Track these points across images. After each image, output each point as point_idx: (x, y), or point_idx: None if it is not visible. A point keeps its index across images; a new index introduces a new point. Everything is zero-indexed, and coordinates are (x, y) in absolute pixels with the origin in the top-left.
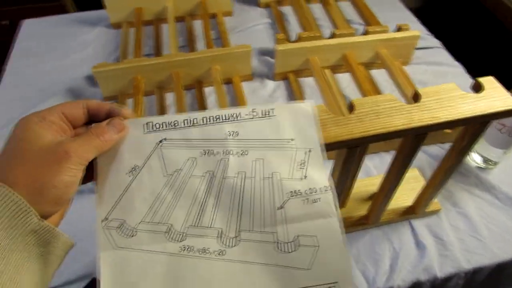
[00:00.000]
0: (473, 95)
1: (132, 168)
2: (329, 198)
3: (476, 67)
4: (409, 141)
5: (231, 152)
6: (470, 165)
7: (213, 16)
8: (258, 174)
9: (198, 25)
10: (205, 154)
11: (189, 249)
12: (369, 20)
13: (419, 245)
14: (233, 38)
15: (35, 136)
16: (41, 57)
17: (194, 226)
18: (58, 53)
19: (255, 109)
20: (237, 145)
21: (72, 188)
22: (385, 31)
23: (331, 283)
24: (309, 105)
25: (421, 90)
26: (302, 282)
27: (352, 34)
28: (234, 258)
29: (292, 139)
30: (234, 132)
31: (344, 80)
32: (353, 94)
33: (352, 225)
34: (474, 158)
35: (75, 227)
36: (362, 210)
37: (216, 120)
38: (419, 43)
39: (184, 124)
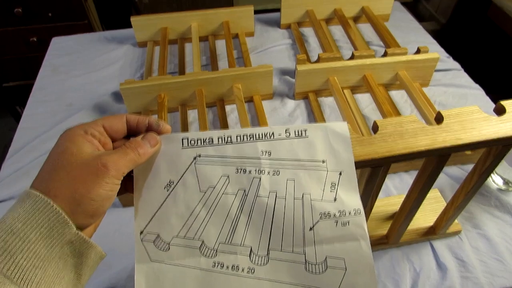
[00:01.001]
0: (496, 117)
1: (168, 183)
2: (361, 221)
3: (495, 89)
4: (432, 162)
5: (263, 171)
6: (491, 187)
7: (236, 36)
8: (290, 194)
9: (220, 45)
10: (238, 171)
11: (220, 266)
12: (388, 42)
13: (440, 266)
14: (255, 57)
15: (77, 149)
16: (69, 74)
17: (226, 243)
18: (85, 70)
19: (288, 129)
20: (270, 164)
21: (108, 201)
22: (404, 53)
23: None
24: (344, 126)
25: (443, 112)
26: None
27: (372, 56)
28: (263, 276)
29: (324, 161)
30: (267, 151)
31: (364, 100)
32: (373, 114)
33: (372, 245)
34: (495, 180)
35: (98, 241)
36: (382, 230)
37: (250, 138)
38: (438, 65)
39: (218, 142)
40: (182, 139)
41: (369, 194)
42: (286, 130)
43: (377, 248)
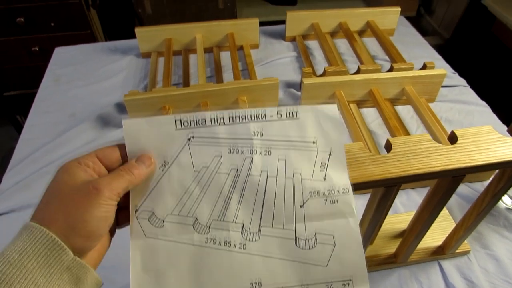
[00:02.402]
0: (510, 138)
1: (163, 164)
2: (349, 199)
3: (499, 105)
4: (446, 183)
5: (255, 151)
6: (499, 206)
7: (240, 48)
8: (281, 173)
9: (225, 56)
10: (231, 151)
11: (213, 241)
12: (394, 56)
13: (449, 286)
14: (259, 70)
15: (70, 178)
16: (72, 84)
17: (219, 220)
18: (88, 80)
19: (280, 110)
20: (262, 145)
21: (104, 223)
22: (410, 68)
23: (346, 280)
24: (334, 108)
25: (457, 132)
26: (318, 277)
27: (378, 70)
28: (255, 251)
29: (314, 141)
30: (259, 132)
31: (370, 115)
32: (379, 129)
33: (380, 264)
34: (504, 199)
35: None
36: (390, 248)
37: (242, 119)
38: (444, 81)
39: (211, 122)
40: (175, 121)
41: (381, 213)
42: (278, 112)
43: (385, 267)
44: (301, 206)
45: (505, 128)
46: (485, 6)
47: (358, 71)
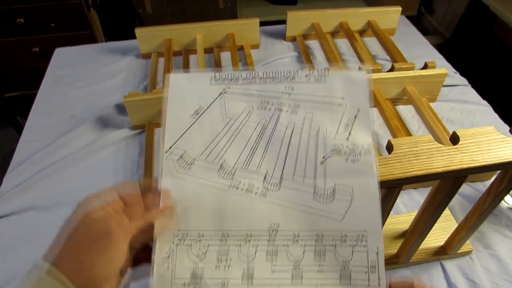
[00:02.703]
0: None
1: (196, 111)
2: (370, 159)
3: (500, 104)
4: (447, 184)
5: (283, 108)
6: (501, 206)
7: (241, 48)
8: (306, 129)
9: (225, 57)
10: (260, 107)
11: (236, 187)
12: (395, 56)
13: (451, 287)
14: (260, 70)
15: (86, 217)
16: (72, 85)
17: (243, 168)
18: (88, 81)
19: (309, 73)
20: (289, 103)
21: (117, 263)
22: (412, 68)
23: (360, 234)
24: (362, 74)
25: (459, 132)
26: (334, 229)
27: (379, 70)
28: (274, 200)
29: (341, 103)
30: (288, 92)
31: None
32: (381, 129)
33: None
34: (506, 199)
35: None
36: (391, 249)
37: (273, 80)
38: (445, 80)
39: (244, 81)
40: (211, 77)
41: (383, 215)
42: (307, 75)
43: (387, 268)
44: (322, 162)
45: (506, 127)
46: (487, 5)
47: None
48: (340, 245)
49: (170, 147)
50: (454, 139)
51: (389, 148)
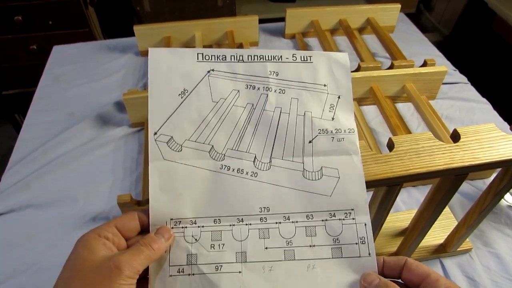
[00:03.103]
0: None
1: (183, 91)
2: (354, 138)
3: (499, 102)
4: (448, 181)
5: (270, 89)
6: (501, 204)
7: (240, 45)
8: (293, 111)
9: None
10: (248, 87)
11: (227, 168)
12: (394, 53)
13: None
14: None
15: (89, 253)
16: (71, 83)
17: (233, 149)
18: (87, 79)
19: (295, 53)
20: (277, 83)
21: None
22: (411, 66)
23: (348, 209)
24: (345, 56)
25: (460, 130)
26: (323, 206)
27: (378, 68)
28: (265, 180)
29: (325, 85)
30: (275, 71)
31: (371, 112)
32: (380, 127)
33: None
34: (506, 197)
35: None
36: (391, 247)
37: (260, 59)
38: (445, 78)
39: (231, 59)
40: (198, 54)
41: (383, 212)
42: (293, 55)
43: None
44: (310, 142)
45: (506, 125)
46: (485, 2)
47: (358, 69)
48: (330, 220)
49: (157, 131)
50: (455, 136)
51: (390, 145)
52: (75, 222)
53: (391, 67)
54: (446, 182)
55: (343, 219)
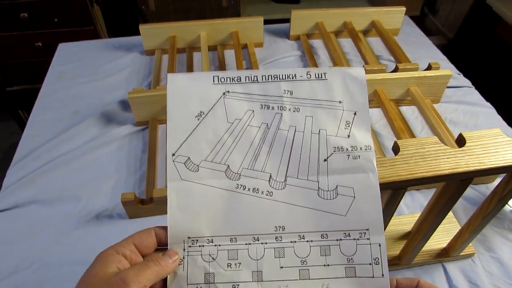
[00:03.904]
0: None
1: (199, 113)
2: (370, 155)
3: (503, 106)
4: (453, 186)
5: (285, 108)
6: (505, 209)
7: (245, 46)
8: (308, 129)
9: (229, 55)
10: (262, 107)
11: (243, 187)
12: (399, 56)
13: None
14: (263, 68)
15: (103, 269)
16: (75, 80)
17: (249, 168)
18: (92, 77)
19: (309, 71)
20: (291, 102)
21: None
22: (416, 69)
23: (363, 230)
24: (361, 71)
25: (465, 134)
26: (337, 226)
27: (383, 71)
28: (280, 199)
29: (341, 101)
30: (289, 90)
31: (374, 115)
32: (384, 130)
33: None
34: (509, 203)
35: None
36: (394, 250)
37: (274, 78)
38: (449, 82)
39: (246, 80)
40: (213, 76)
41: (387, 216)
42: (307, 73)
43: (389, 269)
44: (325, 160)
45: (510, 129)
46: (490, 6)
47: None
48: (345, 240)
49: (174, 153)
50: (460, 141)
51: (396, 149)
52: (78, 219)
53: (396, 70)
54: (451, 186)
55: (358, 239)
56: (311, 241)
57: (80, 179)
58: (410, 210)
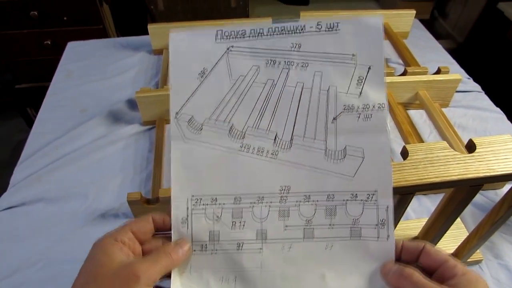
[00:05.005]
0: None
1: (201, 72)
2: (383, 115)
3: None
4: (462, 192)
5: (292, 64)
6: None
7: None
8: (316, 86)
9: None
10: (268, 63)
11: (247, 148)
12: (408, 60)
13: None
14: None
15: (107, 259)
16: (83, 79)
17: (254, 128)
18: (100, 76)
19: (320, 22)
20: (299, 58)
21: None
22: (425, 73)
23: (371, 191)
24: (378, 20)
25: (475, 140)
26: (344, 187)
27: (391, 74)
28: (285, 159)
29: (354, 55)
30: (297, 44)
31: None
32: (391, 134)
33: None
34: None
35: None
36: None
37: (281, 31)
38: (458, 86)
39: (251, 34)
40: (217, 31)
41: (394, 220)
42: (318, 23)
43: None
44: (334, 119)
45: None
46: (501, 11)
47: None
48: (351, 202)
49: (177, 112)
50: (470, 147)
51: (404, 154)
52: (85, 217)
53: (404, 73)
54: (460, 192)
55: (365, 201)
56: (317, 201)
57: (87, 177)
58: (417, 215)
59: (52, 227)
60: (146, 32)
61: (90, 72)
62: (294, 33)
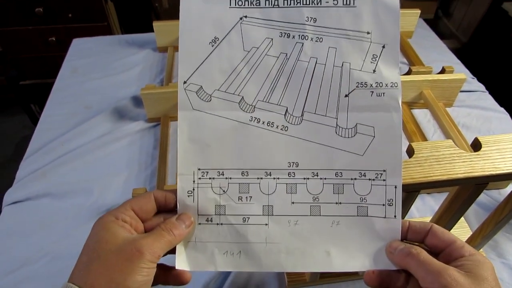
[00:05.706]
0: None
1: (213, 39)
2: (396, 93)
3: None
4: (467, 190)
5: (306, 37)
6: None
7: None
8: (330, 61)
9: None
10: (282, 36)
11: (257, 121)
12: (412, 59)
13: None
14: None
15: (110, 236)
16: (88, 76)
17: (264, 101)
18: (105, 73)
19: None
20: (314, 31)
21: (149, 284)
22: (429, 72)
23: (379, 170)
24: None
25: (481, 139)
26: (353, 165)
27: None
28: (295, 134)
29: (369, 32)
30: (312, 17)
31: None
32: None
33: None
34: None
35: None
36: None
37: (297, 3)
38: (462, 85)
39: (266, 4)
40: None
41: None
42: None
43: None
44: (346, 96)
45: None
46: (506, 10)
47: None
48: (359, 181)
49: (186, 80)
50: (476, 145)
51: (410, 152)
52: (90, 213)
53: (409, 72)
54: (465, 191)
55: (373, 180)
56: (325, 178)
57: (92, 173)
58: (420, 214)
59: (57, 223)
60: (150, 30)
61: (95, 69)
62: (311, 4)
